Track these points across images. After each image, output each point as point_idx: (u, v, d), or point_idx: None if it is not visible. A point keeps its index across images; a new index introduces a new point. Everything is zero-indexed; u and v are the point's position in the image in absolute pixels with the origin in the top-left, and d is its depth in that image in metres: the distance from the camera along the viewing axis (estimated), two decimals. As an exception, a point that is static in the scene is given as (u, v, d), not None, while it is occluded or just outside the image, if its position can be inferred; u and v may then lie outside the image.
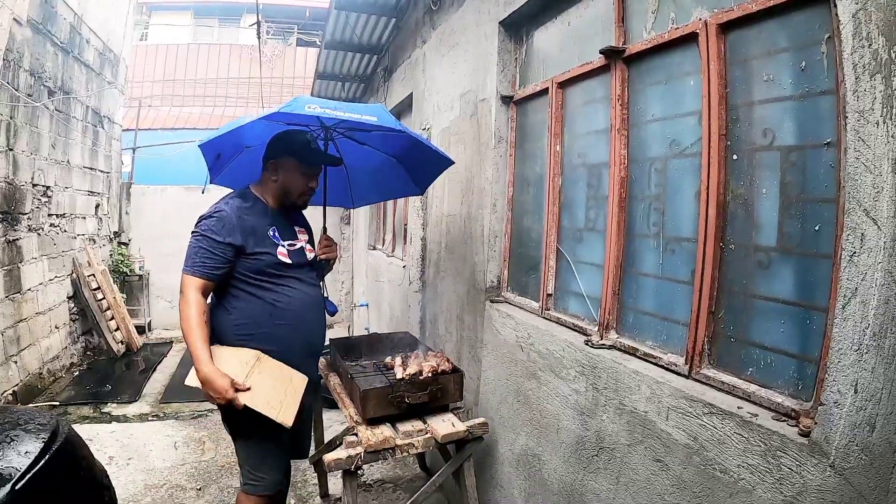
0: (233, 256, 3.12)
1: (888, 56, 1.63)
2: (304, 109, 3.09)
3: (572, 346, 3.19)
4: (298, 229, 3.51)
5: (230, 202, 3.24)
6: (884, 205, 1.65)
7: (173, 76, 19.70)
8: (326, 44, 7.90)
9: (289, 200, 3.42)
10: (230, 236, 3.09)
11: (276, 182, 3.35)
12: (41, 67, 8.22)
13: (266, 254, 3.21)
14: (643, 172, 2.96)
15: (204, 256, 3.06)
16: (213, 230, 3.08)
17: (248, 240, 3.15)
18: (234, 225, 3.11)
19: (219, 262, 3.09)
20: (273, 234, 3.27)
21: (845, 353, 1.75)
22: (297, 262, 3.33)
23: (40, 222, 8.46)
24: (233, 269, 3.16)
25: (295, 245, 3.38)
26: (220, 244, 3.07)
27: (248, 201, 3.30)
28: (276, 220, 3.34)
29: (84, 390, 8.46)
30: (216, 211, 3.17)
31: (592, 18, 3.39)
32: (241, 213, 3.18)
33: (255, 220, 3.24)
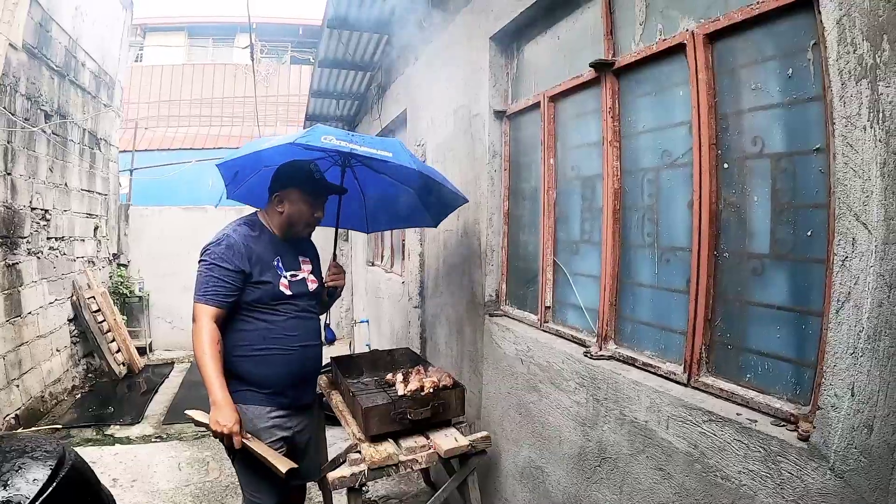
0: (242, 283, 3.13)
1: (873, 61, 1.65)
2: (319, 141, 3.12)
3: (572, 358, 3.20)
4: (303, 259, 3.51)
5: (237, 229, 3.25)
6: (873, 209, 1.66)
7: (169, 97, 19.75)
8: (320, 62, 7.94)
9: (294, 231, 3.42)
10: (240, 263, 3.11)
11: (281, 213, 3.35)
12: (37, 91, 8.24)
13: (268, 283, 3.22)
14: (636, 183, 2.98)
15: (216, 285, 3.06)
16: (223, 258, 3.09)
17: (254, 268, 3.17)
18: (242, 253, 3.13)
19: (230, 290, 3.09)
20: (277, 265, 3.29)
21: (841, 356, 1.76)
22: (296, 293, 3.34)
23: (39, 245, 8.46)
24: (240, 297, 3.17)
25: (297, 276, 3.39)
26: (230, 272, 3.08)
27: (256, 230, 3.32)
28: (281, 250, 3.36)
29: (86, 413, 8.43)
30: (224, 239, 3.18)
31: (581, 31, 3.42)
32: (248, 242, 3.20)
33: (262, 248, 3.25)
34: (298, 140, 3.10)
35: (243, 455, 3.19)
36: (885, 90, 1.62)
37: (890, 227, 1.62)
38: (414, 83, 6.34)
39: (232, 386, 3.14)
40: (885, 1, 1.62)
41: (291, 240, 3.45)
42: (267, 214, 3.42)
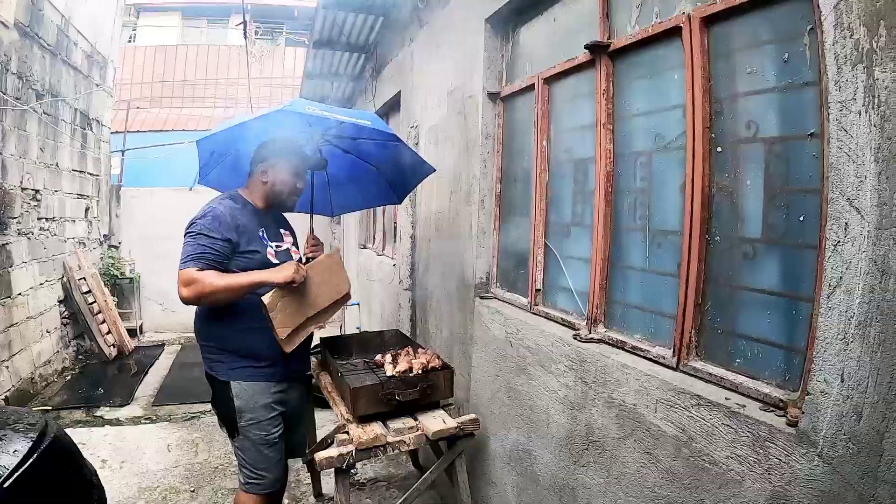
0: (229, 252, 3.17)
1: (870, 46, 1.64)
2: (303, 109, 3.20)
3: (561, 341, 3.20)
4: (283, 232, 3.61)
5: (222, 202, 3.31)
6: (867, 194, 1.65)
7: (162, 78, 19.63)
8: (314, 43, 7.88)
9: (278, 201, 3.51)
10: (227, 232, 3.15)
11: (265, 184, 3.44)
12: (29, 70, 8.18)
13: (257, 252, 3.28)
14: (629, 166, 2.97)
15: (202, 251, 3.07)
16: (208, 227, 3.12)
17: (241, 238, 3.22)
18: (228, 223, 3.17)
19: (217, 257, 3.10)
20: (262, 235, 3.36)
21: (831, 342, 1.76)
22: (282, 262, 3.35)
23: (30, 226, 8.41)
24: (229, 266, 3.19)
25: (281, 246, 3.48)
26: (216, 240, 3.11)
27: (239, 203, 3.38)
28: (265, 222, 3.44)
29: (76, 394, 8.43)
30: (209, 211, 3.22)
31: (577, 14, 3.40)
32: (233, 213, 3.25)
33: (247, 219, 3.31)
34: (284, 107, 3.15)
35: (248, 433, 3.27)
36: (880, 75, 1.61)
37: (883, 213, 1.61)
38: (408, 65, 6.31)
39: (229, 363, 3.27)
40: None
41: (270, 213, 3.54)
42: (248, 188, 3.51)
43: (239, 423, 3.29)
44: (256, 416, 3.28)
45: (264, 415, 3.30)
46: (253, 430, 3.29)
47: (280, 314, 3.14)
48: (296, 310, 3.24)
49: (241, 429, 3.29)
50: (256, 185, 3.47)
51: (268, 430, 3.31)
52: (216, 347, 3.33)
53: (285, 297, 3.17)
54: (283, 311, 3.16)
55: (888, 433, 1.59)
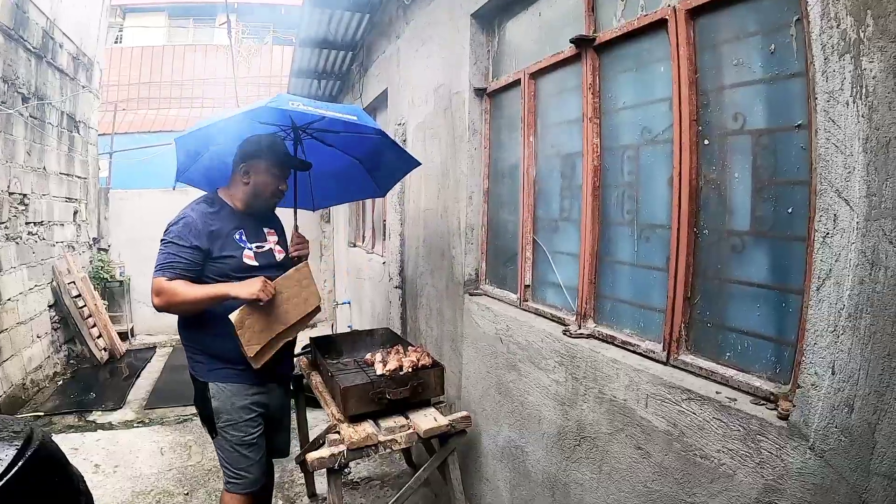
0: (200, 260, 3.18)
1: (857, 36, 1.63)
2: (287, 105, 3.14)
3: (551, 337, 3.19)
4: (268, 231, 3.58)
5: (195, 207, 3.32)
6: (855, 185, 1.64)
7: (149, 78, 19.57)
8: (301, 41, 7.85)
9: (259, 202, 3.46)
10: (196, 240, 3.16)
11: (247, 185, 3.40)
12: (14, 74, 8.12)
13: (231, 257, 3.28)
14: (616, 160, 2.95)
15: (172, 260, 3.11)
16: (179, 235, 3.15)
17: (213, 244, 3.22)
18: (199, 230, 3.18)
19: (188, 266, 3.14)
20: (239, 238, 3.34)
21: (821, 334, 1.75)
22: (263, 264, 3.39)
23: (18, 231, 8.36)
24: (201, 273, 3.21)
25: (263, 247, 3.46)
26: (186, 248, 3.13)
27: (215, 206, 3.37)
28: (243, 224, 3.41)
29: (68, 399, 8.39)
30: (182, 217, 3.24)
31: (563, 8, 3.38)
32: (206, 219, 3.25)
33: (221, 224, 3.30)
34: (268, 103, 3.12)
35: (224, 433, 3.29)
36: (868, 65, 1.60)
37: (872, 203, 1.60)
38: (394, 62, 6.28)
39: (208, 364, 3.30)
40: (868, -25, 1.59)
41: (255, 213, 3.50)
42: (229, 188, 3.48)
43: (217, 424, 3.32)
44: (233, 417, 3.31)
45: (241, 416, 3.32)
46: (230, 431, 3.32)
47: (248, 331, 3.14)
48: (265, 326, 3.22)
49: (219, 429, 3.32)
50: (237, 186, 3.44)
51: (245, 431, 3.33)
52: (196, 349, 3.38)
53: (253, 313, 3.16)
54: (252, 329, 3.15)
55: (880, 425, 1.59)
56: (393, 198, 6.07)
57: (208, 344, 3.30)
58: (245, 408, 3.33)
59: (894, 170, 1.55)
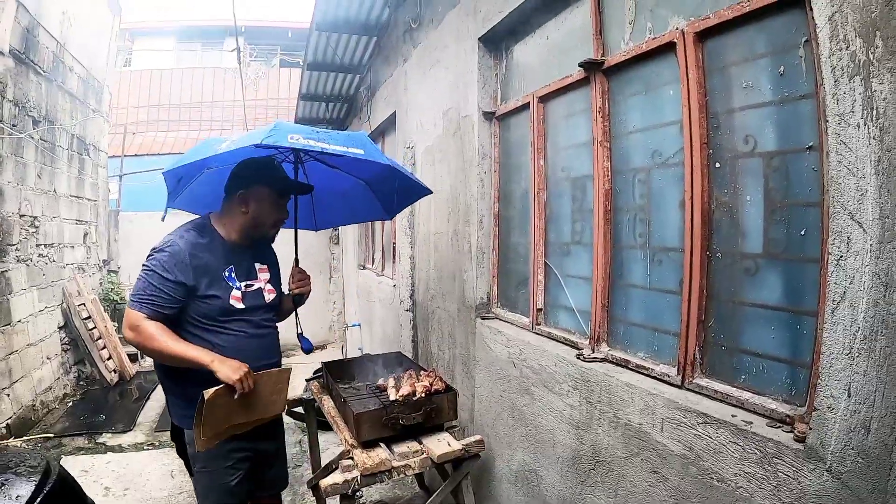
0: (183, 296, 2.91)
1: (866, 58, 1.63)
2: (286, 140, 2.79)
3: (564, 361, 3.18)
4: (259, 267, 3.30)
5: (185, 235, 3.02)
6: (868, 207, 1.64)
7: (158, 101, 19.65)
8: (308, 65, 7.91)
9: (258, 233, 3.22)
10: (181, 274, 2.89)
11: (245, 214, 3.12)
12: (25, 97, 8.19)
13: (217, 298, 3.01)
14: (627, 184, 2.96)
15: (153, 294, 2.84)
16: (163, 266, 2.87)
17: (200, 280, 2.95)
18: (186, 263, 2.91)
19: (168, 301, 2.87)
20: (228, 276, 3.08)
21: (837, 357, 1.74)
22: (250, 306, 3.15)
23: (28, 253, 8.40)
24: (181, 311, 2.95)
25: (252, 286, 3.19)
26: (170, 283, 2.86)
27: (206, 236, 3.08)
28: (234, 259, 3.14)
29: (78, 421, 8.38)
30: (169, 244, 2.95)
31: (570, 31, 3.41)
32: (195, 250, 2.97)
33: (211, 258, 3.03)
34: (264, 140, 2.72)
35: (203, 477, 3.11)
36: (878, 87, 1.61)
37: (885, 226, 1.60)
38: (402, 85, 6.33)
39: (183, 409, 3.04)
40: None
41: (248, 245, 3.23)
42: (222, 217, 3.18)
43: (193, 468, 3.13)
44: (210, 465, 3.06)
45: (219, 464, 3.07)
46: (207, 477, 3.10)
47: (212, 414, 2.78)
48: (228, 414, 2.87)
49: (196, 473, 3.13)
50: (233, 215, 3.15)
51: (223, 478, 3.09)
52: (172, 390, 3.13)
53: (225, 396, 2.81)
54: (216, 413, 2.81)
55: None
56: (403, 221, 6.08)
57: (184, 388, 2.98)
58: (223, 455, 3.05)
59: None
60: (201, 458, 3.02)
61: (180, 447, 3.25)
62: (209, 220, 3.17)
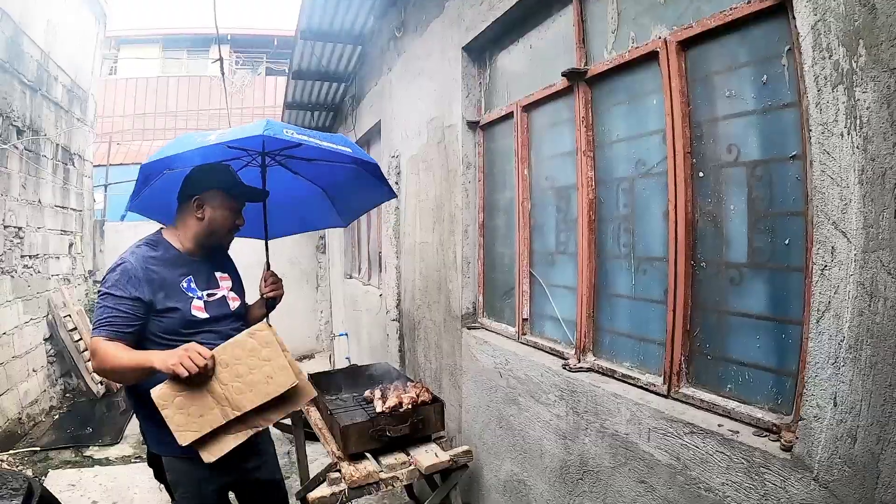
0: (143, 312, 2.73)
1: (849, 66, 1.64)
2: (282, 133, 2.81)
3: (550, 371, 3.18)
4: (220, 276, 3.14)
5: (135, 252, 2.87)
6: (852, 217, 1.65)
7: (143, 110, 19.61)
8: (293, 73, 7.90)
9: (214, 240, 3.08)
10: (136, 290, 2.72)
11: (200, 220, 2.97)
12: (9, 107, 8.11)
13: (176, 310, 2.83)
14: (611, 193, 2.96)
15: (110, 315, 2.66)
16: (116, 285, 2.71)
17: (156, 294, 2.78)
18: (139, 278, 2.74)
19: (127, 320, 2.68)
20: (188, 286, 2.92)
21: (822, 366, 1.75)
22: (215, 315, 2.97)
23: (13, 264, 8.32)
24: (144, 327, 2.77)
25: (215, 294, 3.03)
26: (125, 300, 2.69)
27: (158, 249, 2.94)
28: (192, 268, 2.99)
29: (65, 434, 8.29)
30: (120, 263, 2.80)
31: (553, 40, 3.41)
32: (147, 264, 2.81)
33: (166, 271, 2.87)
34: (265, 131, 2.71)
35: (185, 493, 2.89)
36: (861, 95, 1.61)
37: (869, 235, 1.60)
38: (387, 94, 6.33)
39: (158, 434, 2.74)
40: (860, 5, 1.60)
41: (204, 255, 3.08)
42: (176, 227, 3.04)
43: (175, 494, 2.95)
44: (191, 491, 2.87)
45: (203, 488, 2.87)
46: (188, 490, 2.89)
47: (178, 413, 2.49)
48: (204, 409, 2.53)
49: (178, 498, 2.93)
50: (188, 222, 3.00)
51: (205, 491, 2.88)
52: (143, 416, 2.92)
53: (183, 391, 2.50)
54: (184, 411, 2.50)
55: (883, 455, 1.58)
56: (388, 230, 6.06)
57: (155, 412, 2.58)
58: (206, 479, 2.84)
59: (891, 201, 1.55)
60: (182, 483, 2.87)
61: (157, 473, 3.13)
62: (161, 234, 3.05)
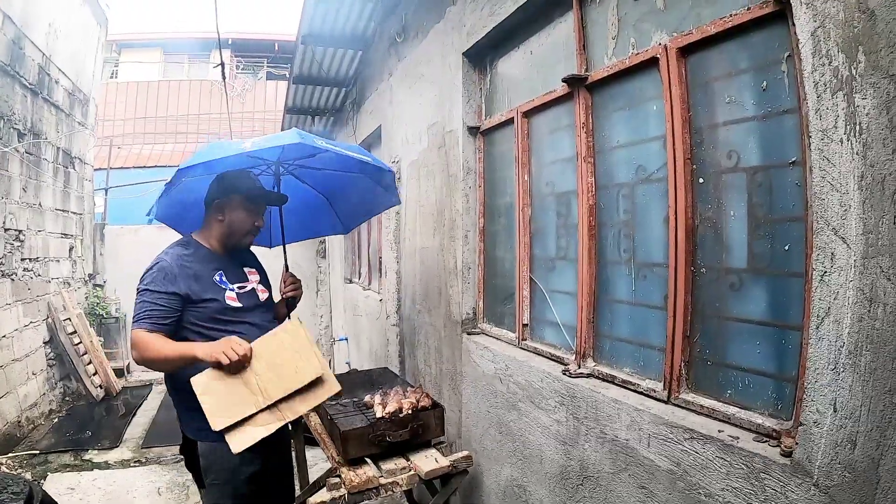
0: (179, 306, 2.97)
1: (849, 73, 1.64)
2: (313, 142, 3.09)
3: (550, 377, 3.18)
4: (248, 270, 3.40)
5: (170, 252, 3.13)
6: (852, 223, 1.65)
7: (144, 113, 19.61)
8: (294, 78, 7.91)
9: (234, 240, 3.30)
10: (173, 285, 2.96)
11: (222, 222, 3.24)
12: (10, 110, 8.12)
13: (213, 300, 3.08)
14: (611, 199, 2.97)
15: (149, 309, 2.90)
16: (155, 281, 2.95)
17: (192, 287, 3.02)
18: (175, 274, 2.99)
19: (165, 313, 2.92)
20: (220, 279, 3.16)
21: (822, 372, 1.75)
22: (247, 305, 3.21)
23: (14, 267, 8.33)
24: (182, 319, 3.00)
25: (245, 287, 3.27)
26: (163, 295, 2.93)
27: (190, 248, 3.19)
28: (222, 264, 3.23)
29: (64, 437, 8.29)
30: (156, 262, 3.05)
31: (554, 46, 3.42)
32: (182, 262, 3.07)
33: (199, 266, 3.12)
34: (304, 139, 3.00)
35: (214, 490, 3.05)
36: (861, 102, 1.61)
37: (869, 241, 1.60)
38: (388, 99, 6.34)
39: (197, 422, 2.91)
40: (859, 12, 1.61)
41: (230, 253, 3.33)
42: (203, 229, 3.32)
43: (205, 480, 3.10)
44: (221, 478, 3.03)
45: (231, 477, 3.03)
46: (218, 489, 3.06)
47: (213, 400, 2.67)
48: (238, 398, 2.68)
49: (208, 485, 3.10)
50: (212, 225, 3.27)
51: (234, 491, 3.05)
52: (184, 403, 3.05)
53: (222, 379, 2.69)
54: (219, 398, 2.67)
55: (883, 460, 1.58)
56: (389, 235, 6.07)
57: (194, 399, 2.80)
58: (235, 468, 3.00)
59: (890, 207, 1.56)
60: (214, 470, 3.02)
61: (189, 460, 3.22)
62: (191, 236, 3.28)
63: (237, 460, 2.93)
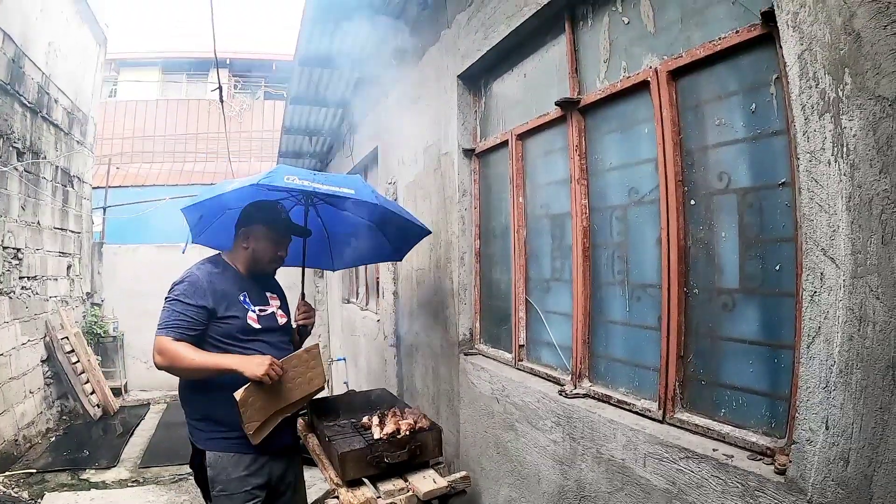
0: (205, 319, 3.12)
1: (836, 95, 1.66)
2: (282, 181, 3.18)
3: (547, 397, 3.19)
4: (270, 295, 3.51)
5: (201, 267, 3.28)
6: (840, 243, 1.67)
7: (143, 132, 19.59)
8: (291, 99, 7.93)
9: (259, 267, 3.44)
10: (202, 299, 3.10)
11: (246, 249, 3.39)
12: (10, 129, 8.16)
13: (236, 318, 3.21)
14: (605, 221, 2.99)
15: (177, 318, 3.04)
16: (185, 294, 3.10)
17: (219, 304, 3.16)
18: (204, 289, 3.13)
19: (192, 324, 3.06)
20: (244, 300, 3.29)
21: (814, 390, 1.76)
22: (266, 327, 3.33)
23: (11, 285, 8.34)
24: (205, 333, 3.14)
25: (266, 310, 3.39)
26: (192, 307, 3.07)
27: (219, 267, 3.34)
28: (247, 286, 3.36)
29: (61, 456, 8.28)
30: (187, 276, 3.20)
31: (547, 69, 3.46)
32: (211, 278, 3.21)
33: (227, 285, 3.26)
34: (261, 181, 3.14)
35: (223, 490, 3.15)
36: (848, 123, 1.64)
37: (857, 261, 1.62)
38: (384, 121, 6.38)
39: (207, 432, 3.19)
40: (845, 34, 1.63)
41: (255, 277, 3.47)
42: (232, 252, 3.47)
43: (211, 492, 3.19)
44: (228, 488, 3.14)
45: (237, 487, 3.14)
46: (224, 500, 3.16)
47: (250, 409, 3.00)
48: (266, 403, 3.09)
49: (214, 497, 3.18)
50: (238, 251, 3.42)
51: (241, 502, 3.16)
52: (196, 413, 3.26)
53: (258, 392, 3.02)
54: (253, 406, 3.02)
55: (876, 477, 1.59)
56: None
57: (209, 409, 3.16)
58: (242, 479, 3.15)
59: (878, 227, 1.58)
60: (220, 481, 3.14)
61: (198, 475, 3.31)
62: (221, 256, 3.46)
63: (244, 472, 3.16)
